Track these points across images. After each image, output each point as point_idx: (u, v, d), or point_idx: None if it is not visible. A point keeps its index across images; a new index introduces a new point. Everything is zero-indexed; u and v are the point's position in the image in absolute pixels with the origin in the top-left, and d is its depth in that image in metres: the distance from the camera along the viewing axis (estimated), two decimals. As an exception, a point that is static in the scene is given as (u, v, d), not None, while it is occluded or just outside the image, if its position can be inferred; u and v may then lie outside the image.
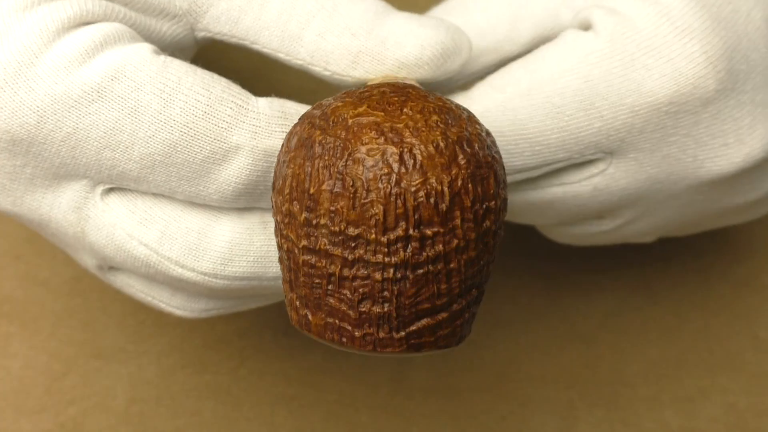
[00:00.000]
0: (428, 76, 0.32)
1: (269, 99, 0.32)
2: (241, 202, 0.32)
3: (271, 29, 0.32)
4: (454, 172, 0.26)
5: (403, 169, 0.26)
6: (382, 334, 0.27)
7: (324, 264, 0.27)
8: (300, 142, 0.28)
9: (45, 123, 0.30)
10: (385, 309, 0.27)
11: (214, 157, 0.30)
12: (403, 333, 0.27)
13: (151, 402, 0.42)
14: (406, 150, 0.26)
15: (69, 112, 0.30)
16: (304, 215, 0.27)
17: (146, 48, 0.31)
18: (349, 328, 0.27)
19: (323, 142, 0.27)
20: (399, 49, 0.32)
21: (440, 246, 0.26)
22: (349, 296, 0.27)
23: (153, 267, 0.32)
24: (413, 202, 0.26)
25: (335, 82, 0.33)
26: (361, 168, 0.26)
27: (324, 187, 0.26)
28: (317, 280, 0.27)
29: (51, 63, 0.29)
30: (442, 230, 0.26)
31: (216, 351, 0.43)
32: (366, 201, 0.26)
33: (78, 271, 0.44)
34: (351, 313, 0.27)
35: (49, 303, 0.44)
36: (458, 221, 0.26)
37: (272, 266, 0.32)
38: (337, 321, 0.27)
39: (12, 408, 0.41)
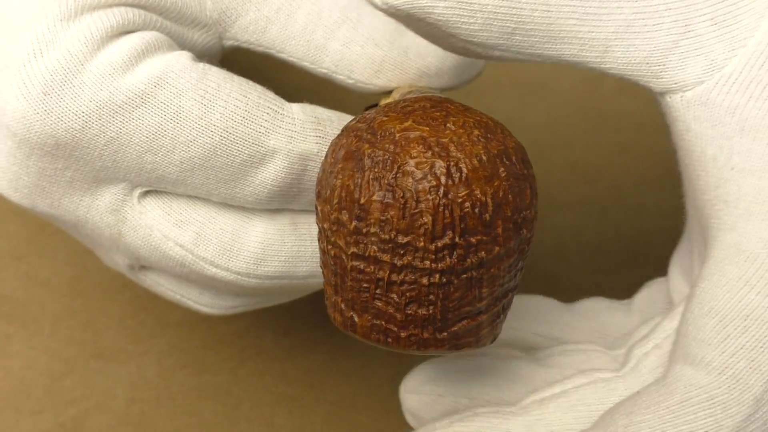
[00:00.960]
0: (448, 85, 0.33)
1: (302, 105, 0.33)
2: (274, 204, 0.32)
3: (297, 39, 0.33)
4: (496, 184, 0.28)
5: (450, 182, 0.27)
6: (426, 335, 0.29)
7: (373, 269, 0.28)
8: (348, 155, 0.29)
9: (89, 128, 0.30)
10: (430, 311, 0.28)
11: (252, 161, 0.31)
12: (445, 334, 0.29)
13: (151, 402, 0.42)
14: (452, 164, 0.27)
15: (113, 118, 0.30)
16: (354, 224, 0.28)
17: (186, 56, 0.31)
18: (395, 329, 0.28)
19: (372, 155, 0.28)
20: (421, 60, 0.33)
21: (483, 253, 0.28)
22: (397, 299, 0.28)
23: (188, 266, 0.32)
24: (459, 212, 0.27)
25: (358, 90, 0.34)
26: (410, 180, 0.27)
27: (374, 197, 0.28)
28: (365, 285, 0.28)
29: (96, 70, 0.30)
30: (485, 238, 0.28)
31: (216, 351, 0.43)
32: (416, 211, 0.27)
33: (78, 271, 0.44)
34: (398, 315, 0.28)
35: (49, 303, 0.44)
36: (500, 230, 0.28)
37: (302, 265, 0.33)
38: (383, 323, 0.29)
39: (12, 408, 0.41)
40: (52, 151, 0.31)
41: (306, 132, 0.32)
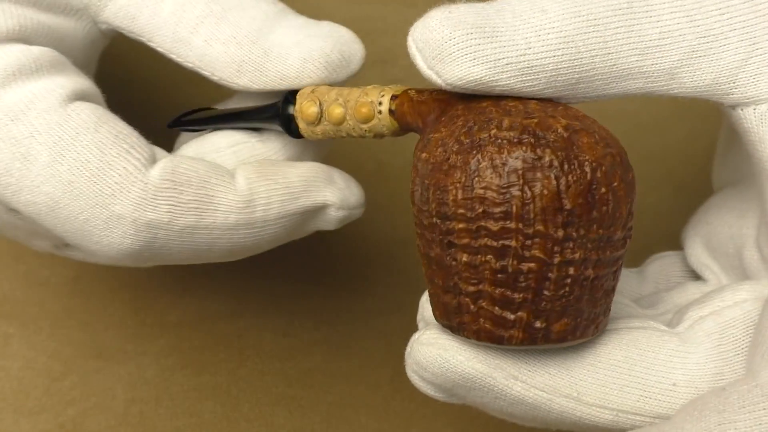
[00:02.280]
0: (316, 83, 0.33)
1: (164, 162, 0.31)
2: (126, 263, 0.32)
3: (163, 30, 0.33)
4: (616, 183, 0.28)
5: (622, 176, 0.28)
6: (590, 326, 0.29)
7: (581, 271, 0.28)
8: (527, 165, 0.27)
9: None
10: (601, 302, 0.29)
11: (96, 221, 0.30)
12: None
13: (150, 402, 0.42)
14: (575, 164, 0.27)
15: None
16: (561, 232, 0.27)
17: (57, 95, 0.30)
18: (585, 322, 0.29)
19: (551, 161, 0.27)
20: (281, 62, 0.33)
21: (607, 252, 0.28)
22: (597, 295, 0.28)
23: None
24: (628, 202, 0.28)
25: (226, 86, 0.33)
26: (606, 177, 0.27)
27: (579, 200, 0.27)
28: (568, 289, 0.28)
29: None
30: (606, 235, 0.28)
31: (215, 351, 0.43)
32: (612, 205, 0.28)
33: (78, 271, 0.44)
34: (587, 309, 0.28)
35: (49, 303, 0.44)
36: (619, 230, 0.28)
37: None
38: (581, 320, 0.28)
39: (11, 408, 0.41)
40: None
41: (157, 200, 0.31)
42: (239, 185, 0.32)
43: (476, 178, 0.27)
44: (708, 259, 0.34)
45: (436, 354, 0.29)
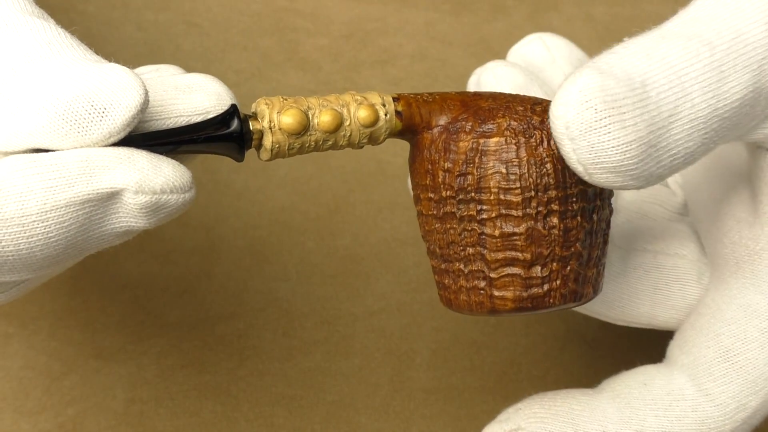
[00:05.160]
0: (59, 140, 0.27)
1: None
2: None
3: None
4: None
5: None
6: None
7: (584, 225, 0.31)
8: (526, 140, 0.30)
9: None
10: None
11: None
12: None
13: (150, 402, 0.42)
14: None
15: None
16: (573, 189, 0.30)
17: None
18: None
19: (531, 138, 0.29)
20: (15, 109, 0.27)
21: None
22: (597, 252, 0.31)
23: None
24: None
25: None
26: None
27: (561, 165, 0.30)
28: (587, 250, 0.30)
29: None
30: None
31: (215, 351, 0.43)
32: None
33: (78, 271, 0.44)
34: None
35: (49, 303, 0.44)
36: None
37: None
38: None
39: (11, 408, 0.41)
40: None
41: None
42: None
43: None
44: (679, 178, 0.37)
45: None
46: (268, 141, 0.29)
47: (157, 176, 0.27)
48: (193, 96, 0.29)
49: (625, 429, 0.32)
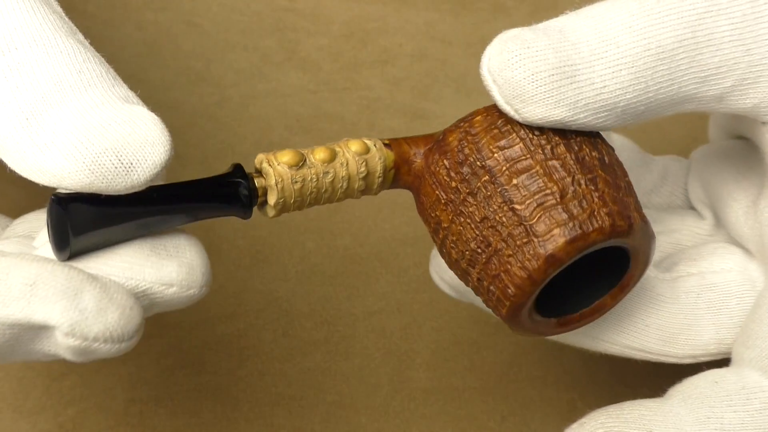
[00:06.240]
0: (83, 188, 0.27)
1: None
2: None
3: None
4: None
5: None
6: None
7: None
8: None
9: None
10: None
11: None
12: None
13: (150, 402, 0.42)
14: None
15: None
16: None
17: None
18: None
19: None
20: (42, 152, 0.27)
21: None
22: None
23: None
24: None
25: None
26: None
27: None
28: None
29: None
30: None
31: (215, 351, 0.43)
32: None
33: (77, 272, 0.44)
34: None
35: (49, 303, 0.44)
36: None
37: None
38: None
39: (11, 408, 0.41)
40: None
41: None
42: None
43: None
44: (705, 199, 0.37)
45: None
46: (273, 198, 0.30)
47: (96, 322, 0.26)
48: (164, 264, 0.29)
49: (704, 429, 0.31)
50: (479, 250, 0.30)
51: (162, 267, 0.29)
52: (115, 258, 0.28)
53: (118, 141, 0.27)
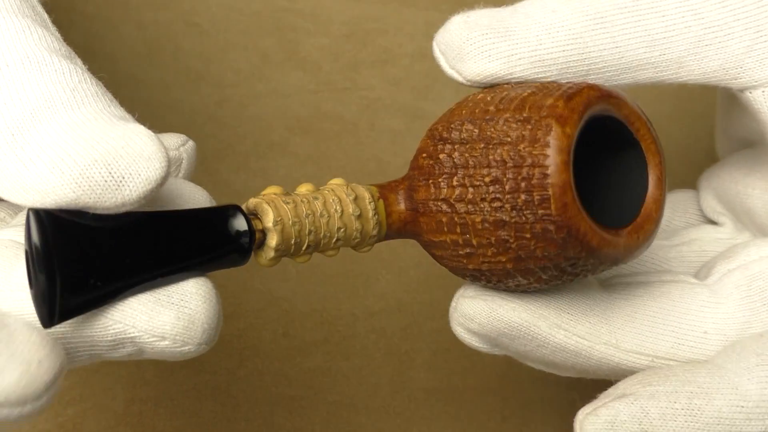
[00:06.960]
0: (68, 202, 0.25)
1: None
2: None
3: None
4: None
5: None
6: None
7: None
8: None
9: None
10: None
11: None
12: None
13: (150, 402, 0.42)
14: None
15: None
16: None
17: None
18: None
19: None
20: (26, 165, 0.25)
21: None
22: None
23: None
24: None
25: None
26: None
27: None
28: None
29: None
30: None
31: (215, 351, 0.43)
32: None
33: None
34: None
35: (49, 303, 0.44)
36: None
37: None
38: None
39: (11, 408, 0.41)
40: None
41: None
42: None
43: None
44: (720, 208, 0.37)
45: (483, 305, 0.31)
46: (272, 241, 0.29)
47: None
48: (160, 312, 0.26)
49: (753, 375, 0.30)
50: (499, 174, 0.29)
51: (157, 315, 0.26)
52: None
53: (110, 153, 0.25)
